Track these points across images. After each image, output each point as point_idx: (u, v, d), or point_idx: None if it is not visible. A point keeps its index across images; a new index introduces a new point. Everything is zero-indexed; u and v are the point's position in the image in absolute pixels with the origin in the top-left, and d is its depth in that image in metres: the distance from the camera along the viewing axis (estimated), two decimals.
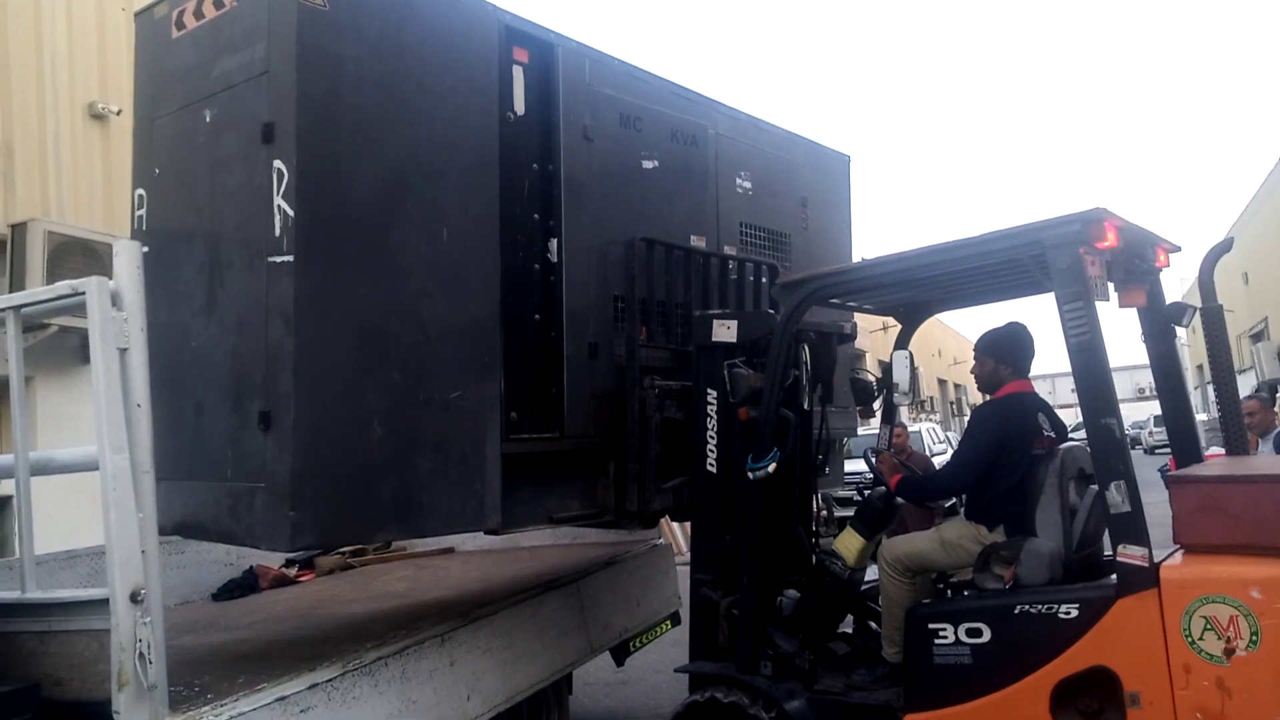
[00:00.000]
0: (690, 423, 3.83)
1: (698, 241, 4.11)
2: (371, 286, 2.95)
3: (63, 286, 2.37)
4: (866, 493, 4.01)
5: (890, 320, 4.64)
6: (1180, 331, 4.03)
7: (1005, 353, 3.77)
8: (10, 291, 7.25)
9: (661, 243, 3.89)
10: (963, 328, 37.29)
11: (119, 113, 7.84)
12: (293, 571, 4.95)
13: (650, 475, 3.81)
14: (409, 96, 3.03)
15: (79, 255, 7.75)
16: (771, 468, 3.53)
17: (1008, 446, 3.53)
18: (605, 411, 3.79)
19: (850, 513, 4.07)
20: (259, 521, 2.82)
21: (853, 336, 4.14)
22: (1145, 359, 3.90)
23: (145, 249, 3.24)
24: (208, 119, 3.01)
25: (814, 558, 3.96)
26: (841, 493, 12.66)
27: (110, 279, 2.32)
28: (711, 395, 3.74)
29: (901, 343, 4.27)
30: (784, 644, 3.63)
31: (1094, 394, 3.04)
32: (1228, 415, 3.65)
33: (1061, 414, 3.94)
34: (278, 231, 2.79)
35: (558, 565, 4.31)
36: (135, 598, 2.21)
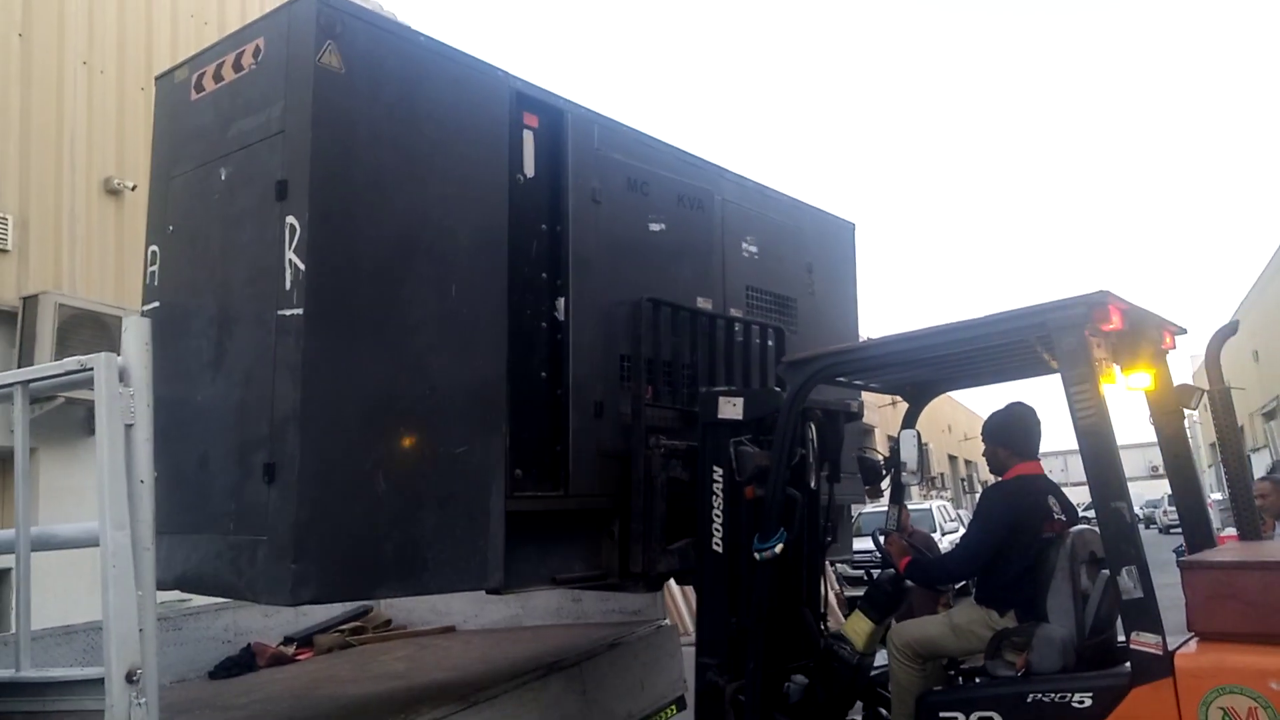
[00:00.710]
0: (696, 483, 3.81)
1: (704, 303, 4.15)
2: (380, 341, 2.98)
3: (71, 363, 2.39)
4: (875, 575, 3.96)
5: (899, 397, 4.66)
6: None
7: (1010, 435, 3.77)
8: (19, 363, 7.31)
9: (668, 303, 3.93)
10: (973, 404, 37.14)
11: (134, 188, 8.02)
12: (291, 650, 4.85)
13: (655, 536, 3.77)
14: (422, 157, 3.11)
15: (89, 328, 7.83)
16: (779, 548, 3.50)
17: (1017, 530, 3.50)
18: (610, 471, 3.77)
19: (859, 592, 4.02)
20: (260, 574, 2.79)
21: (859, 414, 4.13)
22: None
23: (156, 304, 3.31)
24: (223, 177, 3.09)
25: (822, 642, 3.87)
26: (851, 572, 12.52)
27: (118, 354, 2.33)
28: (718, 473, 3.71)
29: (909, 421, 4.27)
30: None
31: (1103, 477, 3.02)
32: (1239, 499, 3.64)
33: (1075, 492, 3.91)
34: (288, 285, 2.83)
35: (560, 646, 4.21)
36: (131, 678, 2.17)
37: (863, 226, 5.15)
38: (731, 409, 3.71)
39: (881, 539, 4.11)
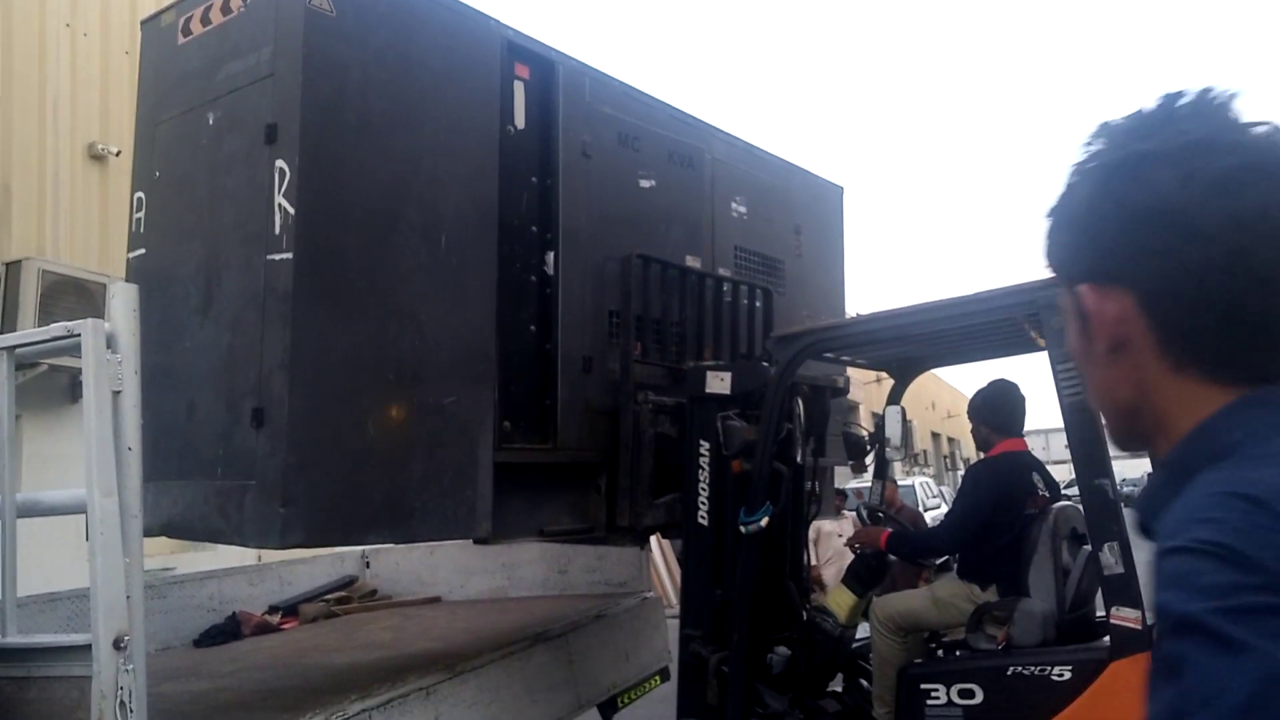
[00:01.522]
0: (683, 452, 3.80)
1: (693, 262, 4.13)
2: (369, 288, 2.94)
3: (57, 328, 2.33)
4: (858, 549, 3.98)
5: (884, 373, 4.66)
6: None
7: (995, 412, 3.79)
8: (2, 329, 7.22)
9: (658, 260, 3.91)
10: (957, 382, 37.28)
11: (118, 154, 7.90)
12: (276, 618, 4.83)
13: (643, 490, 3.77)
14: (412, 103, 3.07)
15: (72, 294, 7.73)
16: (764, 522, 3.51)
17: (1001, 505, 3.52)
18: (599, 425, 3.76)
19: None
20: (249, 519, 2.76)
21: (845, 390, 4.14)
22: None
23: (142, 251, 3.26)
24: (210, 122, 3.04)
25: (805, 614, 3.89)
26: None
27: (105, 320, 2.29)
28: (704, 447, 3.71)
29: (894, 398, 4.29)
30: (773, 702, 3.57)
31: (1087, 454, 3.04)
32: None
33: (1056, 470, 3.94)
34: (277, 229, 2.79)
35: (546, 617, 4.18)
36: (119, 644, 2.15)
37: (851, 191, 5.14)
38: (719, 384, 3.70)
39: (864, 513, 4.13)
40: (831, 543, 7.99)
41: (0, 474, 2.45)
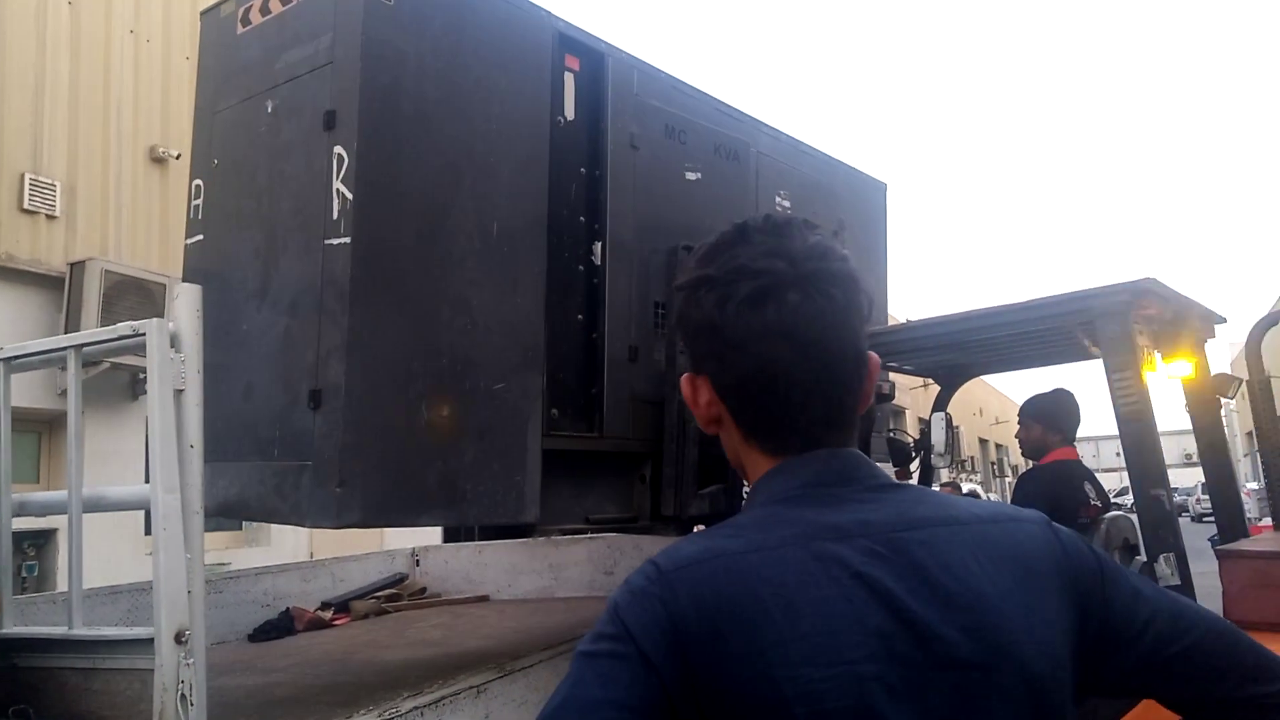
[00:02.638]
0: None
1: None
2: (424, 272, 2.91)
3: (124, 327, 2.33)
4: None
5: (931, 379, 4.56)
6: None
7: (1052, 419, 3.67)
8: (65, 328, 7.33)
9: None
10: (1005, 388, 36.64)
11: (178, 157, 8.01)
12: (328, 615, 4.81)
13: (688, 481, 3.71)
14: (466, 92, 3.03)
15: (133, 294, 7.85)
16: None
17: (1054, 515, 3.40)
18: (643, 415, 3.70)
19: None
20: (305, 499, 2.74)
21: (891, 396, 4.02)
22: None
23: (200, 237, 3.26)
24: (269, 109, 3.02)
25: None
26: None
27: (169, 319, 2.28)
28: None
29: (940, 404, 4.18)
30: None
31: (1143, 464, 2.93)
32: (1276, 489, 3.53)
33: (1104, 478, 3.83)
34: (335, 215, 2.76)
35: (593, 617, 4.06)
36: (180, 638, 2.13)
37: (895, 189, 5.04)
38: None
39: None
40: None
41: (69, 469, 2.46)
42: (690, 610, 0.89)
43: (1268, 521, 4.29)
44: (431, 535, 5.62)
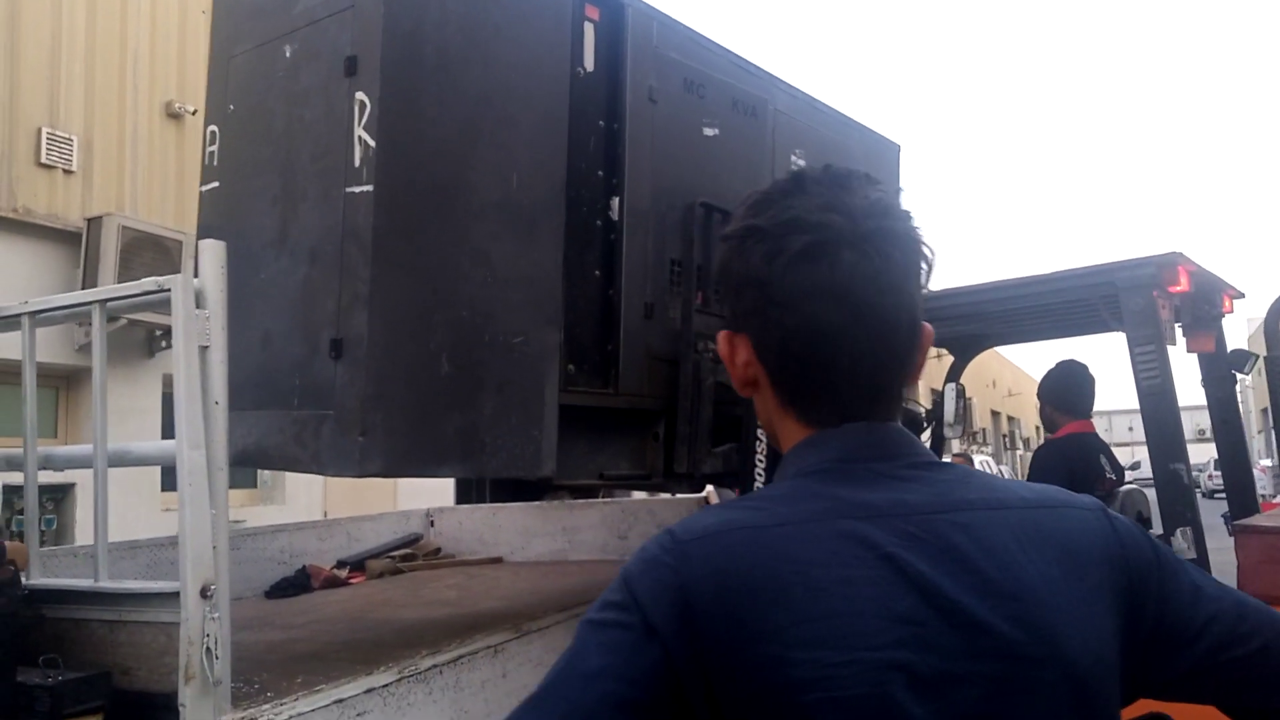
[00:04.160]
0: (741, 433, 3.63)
1: None
2: (445, 222, 2.81)
3: (148, 283, 2.26)
4: None
5: (943, 349, 4.46)
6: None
7: (1066, 393, 3.61)
8: (83, 283, 7.23)
9: (720, 209, 3.73)
10: (1019, 360, 36.40)
11: (194, 112, 7.85)
12: (344, 573, 4.76)
13: (701, 438, 3.63)
14: (487, 41, 2.91)
15: (150, 250, 7.74)
16: None
17: (1070, 488, 3.33)
18: (658, 373, 3.61)
19: None
20: (326, 447, 2.66)
21: None
22: (1205, 400, 3.70)
23: (215, 184, 3.15)
24: (287, 54, 2.90)
25: None
26: None
27: (195, 276, 2.20)
28: (762, 434, 3.51)
29: (954, 375, 4.09)
30: None
31: (1163, 438, 2.88)
32: None
33: (1118, 451, 3.77)
34: (357, 162, 2.65)
35: (607, 580, 4.01)
36: (205, 593, 2.10)
37: (908, 149, 4.90)
38: None
39: None
40: None
41: (95, 425, 2.40)
42: (704, 582, 0.83)
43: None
44: (444, 494, 5.56)
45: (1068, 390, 3.59)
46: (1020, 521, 0.88)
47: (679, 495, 4.68)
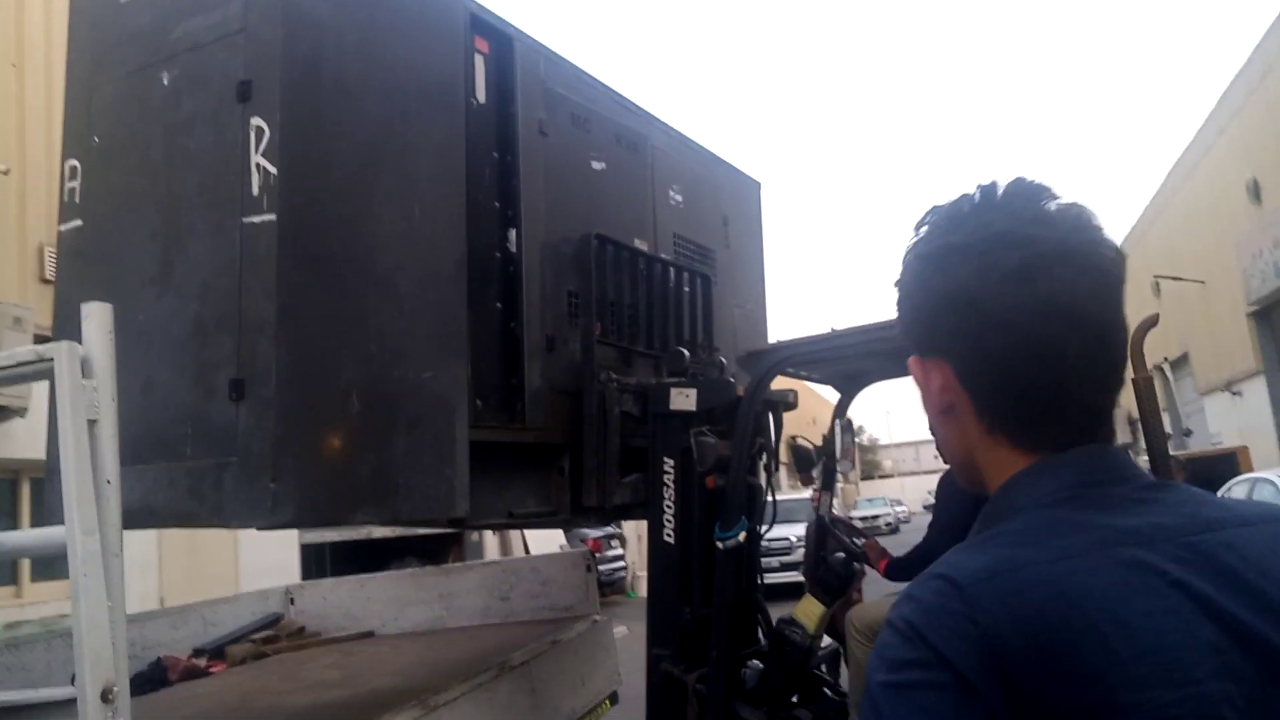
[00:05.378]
0: (646, 429, 3.64)
1: (641, 245, 4.01)
2: (350, 253, 2.67)
3: (26, 352, 1.98)
4: (826, 559, 3.93)
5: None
6: None
7: None
8: None
9: (614, 241, 3.77)
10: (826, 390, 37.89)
11: (6, 172, 7.09)
12: (203, 662, 4.32)
13: (609, 470, 3.60)
14: (385, 68, 2.82)
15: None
16: (742, 536, 3.39)
17: (976, 511, 3.52)
18: (561, 406, 3.57)
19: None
20: (230, 498, 2.42)
21: (795, 405, 4.07)
22: None
23: (78, 223, 2.86)
24: (165, 82, 2.68)
25: (773, 627, 3.76)
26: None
27: (79, 344, 1.97)
28: (669, 464, 3.53)
29: (840, 411, 4.26)
30: (751, 717, 3.44)
31: None
32: (1160, 475, 3.84)
33: (924, 481, 4.00)
34: (256, 190, 2.48)
35: (499, 645, 3.84)
36: (106, 697, 1.86)
37: (768, 188, 5.16)
38: (684, 400, 3.54)
39: (834, 527, 4.06)
40: None
41: None
42: (1007, 628, 0.75)
43: None
44: (289, 568, 5.12)
45: None
46: (1269, 537, 0.84)
47: (563, 550, 4.57)
